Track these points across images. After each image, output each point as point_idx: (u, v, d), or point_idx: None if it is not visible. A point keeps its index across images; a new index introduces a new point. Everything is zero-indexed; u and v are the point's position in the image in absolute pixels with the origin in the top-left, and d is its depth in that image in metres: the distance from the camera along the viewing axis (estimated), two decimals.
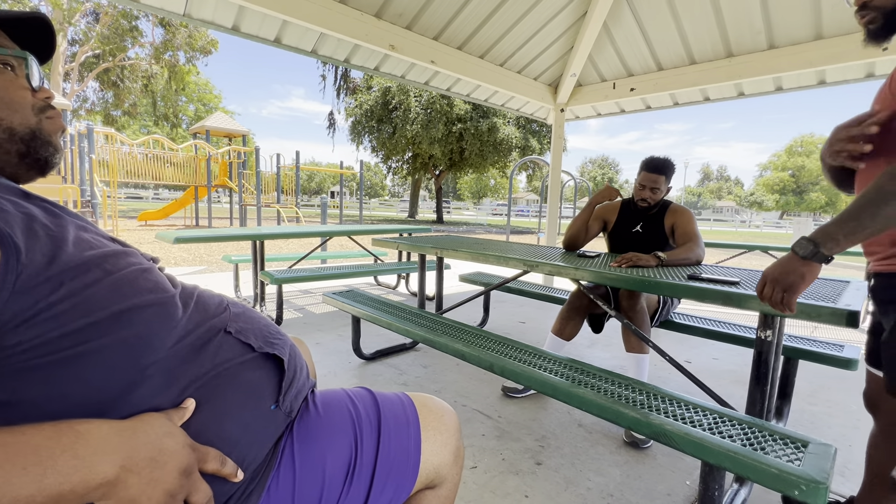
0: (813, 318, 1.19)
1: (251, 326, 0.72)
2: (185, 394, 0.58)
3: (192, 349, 0.61)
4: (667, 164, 2.17)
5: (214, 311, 0.69)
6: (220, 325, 0.67)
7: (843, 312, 1.14)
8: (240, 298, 4.15)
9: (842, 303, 1.21)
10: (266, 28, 3.07)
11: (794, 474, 0.95)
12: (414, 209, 26.54)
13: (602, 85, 4.56)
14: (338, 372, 2.49)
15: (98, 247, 0.56)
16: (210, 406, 0.60)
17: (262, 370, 0.69)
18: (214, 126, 14.97)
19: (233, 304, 0.74)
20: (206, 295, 0.71)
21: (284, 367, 0.72)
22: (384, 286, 5.11)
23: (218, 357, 0.63)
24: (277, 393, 0.70)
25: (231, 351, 0.66)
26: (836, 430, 2.01)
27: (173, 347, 0.59)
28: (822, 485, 0.92)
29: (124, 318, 0.53)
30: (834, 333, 3.76)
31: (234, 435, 0.62)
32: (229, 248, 8.38)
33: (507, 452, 1.73)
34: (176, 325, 0.60)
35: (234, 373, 0.64)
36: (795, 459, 1.00)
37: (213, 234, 3.07)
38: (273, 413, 0.68)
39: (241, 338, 0.68)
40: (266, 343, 0.71)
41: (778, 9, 3.20)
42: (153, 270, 0.62)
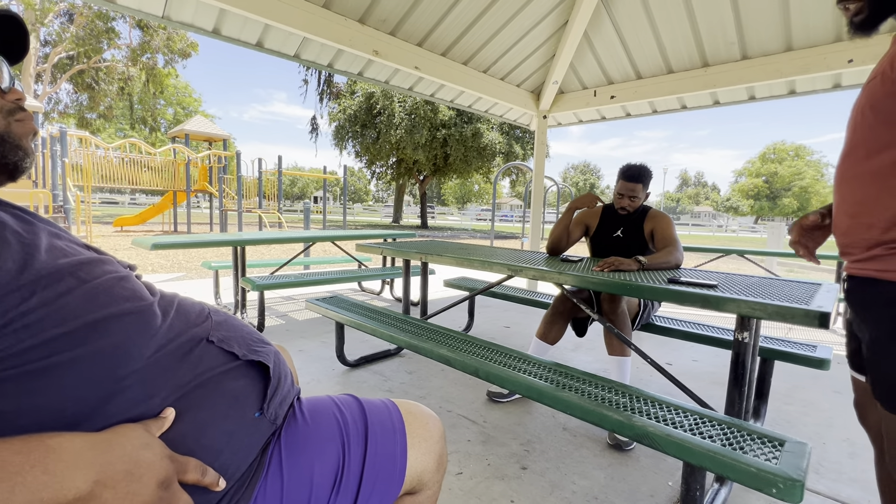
0: (787, 319, 1.22)
1: (234, 335, 0.70)
2: (165, 404, 0.57)
3: (172, 358, 0.60)
4: (643, 172, 2.22)
5: (196, 319, 0.67)
6: (202, 334, 0.66)
7: (815, 314, 1.18)
8: (220, 305, 4.07)
9: (814, 304, 1.26)
10: (248, 32, 3.04)
11: (771, 473, 0.97)
12: (398, 214, 26.48)
13: (583, 92, 4.64)
14: (322, 379, 2.46)
15: (72, 254, 0.54)
16: (191, 415, 0.58)
17: (246, 378, 0.68)
18: (194, 130, 14.70)
19: (214, 312, 0.73)
20: (186, 303, 0.70)
21: (270, 374, 0.70)
22: (368, 292, 5.08)
23: (200, 366, 0.62)
24: (262, 400, 0.69)
25: (214, 360, 0.65)
26: (810, 428, 2.07)
27: (152, 357, 0.57)
28: (799, 482, 0.94)
29: (100, 328, 0.52)
30: (807, 334, 3.88)
31: (217, 444, 0.60)
32: (209, 255, 8.22)
33: (492, 458, 1.73)
34: (155, 335, 0.59)
35: (216, 382, 0.63)
36: (773, 458, 1.03)
37: (192, 240, 3.01)
38: (257, 421, 0.67)
39: (225, 346, 0.67)
40: (250, 351, 0.70)
41: (750, 21, 3.32)
42: (130, 278, 0.61)
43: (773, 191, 49.31)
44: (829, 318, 1.18)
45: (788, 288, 1.55)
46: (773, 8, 3.15)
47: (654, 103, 4.54)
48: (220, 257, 8.02)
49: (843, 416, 2.21)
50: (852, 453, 1.85)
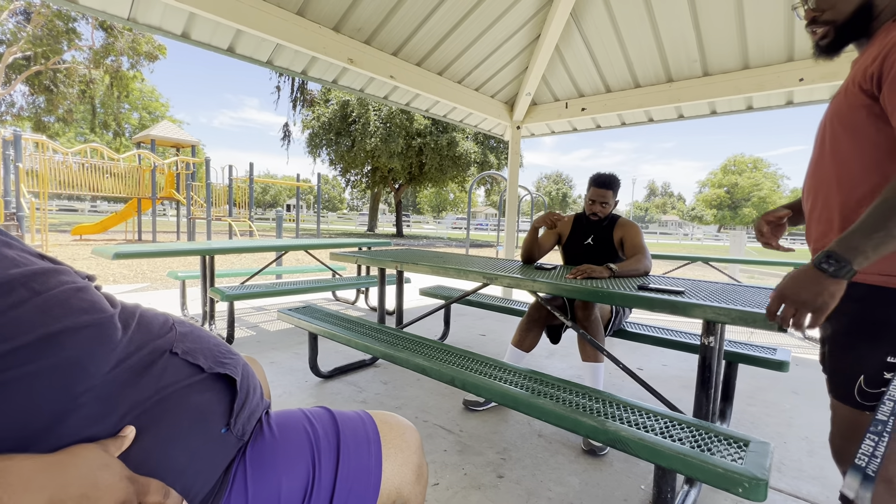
0: (749, 323, 1.28)
1: (200, 346, 0.68)
2: (124, 421, 0.54)
3: (133, 373, 0.57)
4: (613, 179, 2.30)
5: (158, 331, 0.65)
6: (165, 346, 0.63)
7: None
8: (187, 317, 3.92)
9: None
10: (219, 37, 2.98)
11: (737, 473, 1.00)
12: (373, 223, 26.30)
13: (555, 104, 4.76)
14: (294, 391, 2.39)
15: (24, 264, 0.51)
16: (153, 433, 0.56)
17: (211, 392, 0.65)
18: (161, 135, 14.24)
19: (179, 324, 0.70)
20: (149, 314, 0.67)
21: (237, 387, 0.68)
22: (343, 301, 5.00)
23: (163, 380, 0.60)
24: (229, 415, 0.66)
25: (177, 373, 0.62)
26: (772, 427, 2.16)
27: (112, 372, 0.54)
28: (763, 481, 0.98)
29: (55, 342, 0.49)
30: (767, 338, 4.05)
31: (180, 462, 0.58)
32: (176, 264, 7.92)
33: (469, 467, 1.72)
34: (115, 348, 0.56)
35: (180, 396, 0.61)
36: (738, 458, 1.07)
37: (157, 249, 2.89)
38: (223, 437, 0.64)
39: (189, 358, 0.64)
40: (216, 363, 0.68)
41: (710, 40, 3.50)
42: (88, 289, 0.58)
43: (735, 201, 51.80)
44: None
45: (750, 294, 1.62)
46: (730, 28, 3.33)
47: (622, 116, 4.70)
48: (187, 267, 7.74)
49: (802, 415, 2.31)
50: (811, 451, 1.93)
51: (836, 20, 0.92)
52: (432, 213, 62.70)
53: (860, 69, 0.85)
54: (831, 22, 0.93)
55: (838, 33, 0.94)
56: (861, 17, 0.91)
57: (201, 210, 12.44)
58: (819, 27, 0.95)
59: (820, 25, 0.95)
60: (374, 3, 3.12)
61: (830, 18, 0.93)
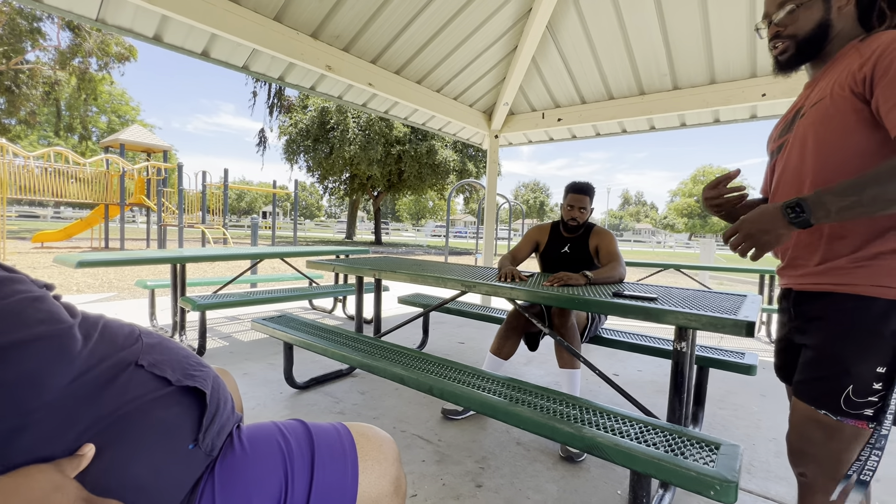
0: (719, 329, 1.32)
1: (168, 358, 0.65)
2: (83, 438, 0.51)
3: (94, 386, 0.54)
4: (589, 186, 2.37)
5: (123, 342, 0.62)
6: (130, 358, 0.60)
7: (743, 323, 1.28)
8: (155, 328, 3.78)
9: (741, 315, 1.36)
10: (192, 40, 2.92)
11: (708, 475, 1.02)
12: (351, 230, 26.04)
13: (532, 114, 4.85)
14: (268, 403, 2.33)
15: None
16: (115, 450, 0.53)
17: (179, 406, 0.63)
18: (130, 140, 13.79)
19: (146, 335, 0.67)
20: (113, 325, 0.64)
21: (206, 400, 0.66)
22: (320, 310, 4.92)
23: (127, 394, 0.57)
24: (197, 430, 0.63)
25: (143, 386, 0.59)
26: (742, 430, 2.22)
27: (70, 385, 0.52)
28: (733, 483, 1.00)
29: (7, 355, 0.46)
30: (736, 342, 4.18)
31: (144, 480, 0.55)
32: (145, 273, 7.65)
33: (447, 477, 1.70)
34: (73, 360, 0.53)
35: (145, 410, 0.58)
36: (710, 461, 1.09)
37: (125, 257, 2.79)
38: (191, 453, 0.62)
39: (156, 371, 0.62)
40: (185, 376, 0.65)
41: (679, 56, 3.64)
42: (45, 299, 0.55)
43: (704, 210, 53.53)
44: (754, 327, 1.29)
45: (719, 300, 1.67)
46: (697, 45, 3.48)
47: (597, 126, 4.82)
48: (156, 275, 7.48)
49: (770, 417, 2.39)
50: (778, 452, 1.99)
51: (798, 35, 0.99)
52: (411, 220, 62.61)
53: (847, 75, 0.89)
54: (793, 36, 1.00)
55: (798, 48, 1.00)
56: (819, 35, 0.98)
57: (173, 217, 12.07)
58: (781, 41, 1.02)
59: (782, 40, 1.01)
60: (353, 10, 3.12)
61: (792, 33, 0.99)
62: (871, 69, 0.84)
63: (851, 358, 0.89)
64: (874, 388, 0.87)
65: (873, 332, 0.88)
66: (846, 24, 0.96)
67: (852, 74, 0.88)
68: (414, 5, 3.28)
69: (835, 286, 0.93)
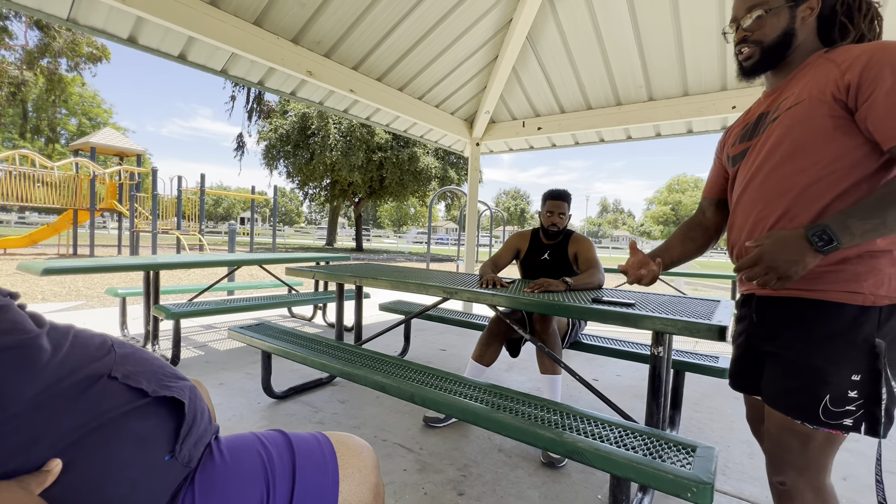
0: (694, 333, 1.35)
1: (142, 369, 0.63)
2: (49, 453, 0.49)
3: (64, 399, 0.52)
4: (567, 193, 2.43)
5: (95, 353, 0.60)
6: (102, 369, 0.58)
7: (716, 328, 1.32)
8: (126, 337, 3.65)
9: (715, 319, 1.40)
10: (169, 42, 2.86)
11: (685, 478, 1.05)
12: (332, 237, 25.78)
13: (513, 123, 4.91)
14: (245, 414, 2.27)
15: None
16: (86, 464, 0.51)
17: (155, 417, 0.61)
18: (102, 143, 13.39)
19: (119, 345, 0.65)
20: (84, 335, 0.62)
21: (184, 410, 0.64)
22: (299, 318, 4.83)
23: (99, 406, 0.55)
24: (174, 441, 0.62)
25: (116, 398, 0.57)
26: (717, 433, 2.27)
27: (38, 398, 0.49)
28: (709, 485, 1.03)
29: None
30: (710, 347, 4.29)
31: (118, 494, 0.53)
32: (115, 280, 7.40)
33: (428, 486, 1.69)
34: (40, 372, 0.51)
35: (119, 423, 0.56)
36: (686, 464, 1.11)
37: (94, 265, 2.69)
38: (167, 464, 0.60)
39: (130, 382, 0.60)
40: (161, 386, 0.63)
41: (654, 68, 3.76)
42: (9, 308, 0.53)
43: (679, 217, 55.30)
44: (727, 331, 1.33)
45: (694, 305, 1.72)
46: (671, 58, 3.60)
47: (576, 135, 4.91)
48: (128, 283, 7.24)
49: (743, 420, 2.44)
50: (751, 453, 2.05)
51: (763, 41, 1.01)
52: (393, 227, 62.40)
53: (824, 83, 0.90)
54: (759, 42, 1.02)
55: (763, 55, 1.02)
56: (784, 43, 1.00)
57: (146, 223, 11.73)
58: (747, 47, 1.04)
59: (748, 45, 1.03)
60: (335, 17, 3.12)
61: (758, 39, 1.02)
62: (857, 78, 0.85)
63: (826, 367, 0.88)
64: (850, 395, 0.87)
65: (846, 340, 0.88)
66: (807, 35, 0.99)
67: (834, 81, 0.88)
68: (396, 13, 3.30)
69: (803, 292, 0.93)
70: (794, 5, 0.98)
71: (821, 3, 0.97)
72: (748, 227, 1.03)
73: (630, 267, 1.20)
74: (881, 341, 0.86)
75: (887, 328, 0.87)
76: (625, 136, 4.78)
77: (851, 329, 0.87)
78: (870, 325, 0.87)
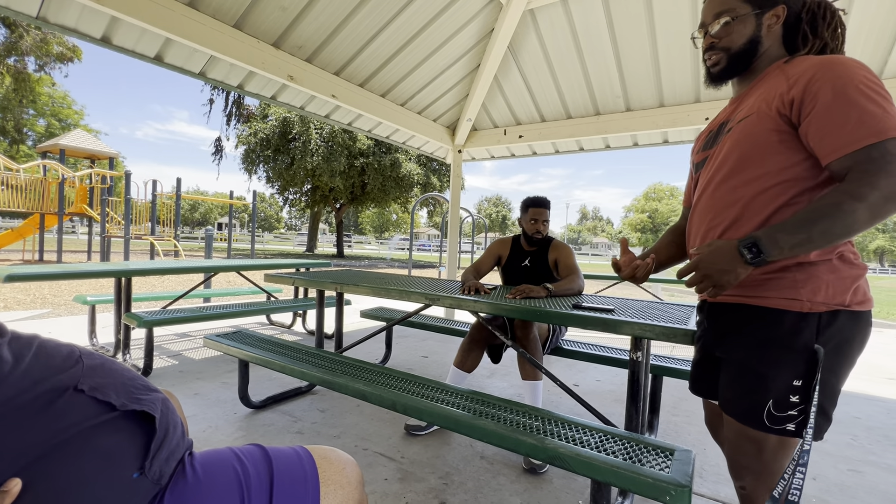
0: (671, 338, 1.38)
1: (111, 381, 0.61)
2: (9, 471, 0.46)
3: (25, 413, 0.49)
4: (548, 200, 2.46)
5: (61, 364, 0.57)
6: (68, 381, 0.56)
7: (692, 332, 1.35)
8: (95, 347, 3.51)
9: (691, 324, 1.43)
10: (145, 43, 2.80)
11: (664, 481, 1.06)
12: (313, 243, 25.45)
13: (494, 130, 4.96)
14: (221, 425, 2.21)
15: None
16: (49, 483, 0.49)
17: (124, 432, 0.58)
18: (72, 145, 12.93)
19: (87, 356, 0.62)
20: (49, 346, 0.59)
21: (156, 425, 0.61)
22: (278, 325, 4.74)
23: (64, 420, 0.52)
24: (144, 457, 0.59)
25: (82, 412, 0.55)
26: (693, 436, 2.32)
27: None
28: (687, 488, 1.04)
29: None
30: (687, 352, 4.39)
31: None
32: (84, 287, 7.13)
33: (410, 495, 1.67)
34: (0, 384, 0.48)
35: (84, 438, 0.53)
36: (665, 467, 1.13)
37: (61, 271, 2.58)
38: (136, 482, 0.57)
39: (98, 395, 0.57)
40: (131, 399, 0.61)
41: (631, 79, 3.86)
42: None
43: (655, 225, 56.72)
44: None
45: (671, 311, 1.75)
46: (648, 70, 3.71)
47: (556, 144, 5.00)
48: (98, 290, 6.98)
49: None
50: None
51: (730, 48, 1.03)
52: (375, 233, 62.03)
53: (772, 97, 0.93)
54: (726, 49, 1.04)
55: (729, 61, 1.05)
56: (750, 50, 1.02)
57: (119, 228, 11.35)
58: (715, 53, 1.06)
59: (716, 52, 1.06)
60: (317, 21, 3.11)
61: (726, 45, 1.04)
62: (801, 94, 0.87)
63: (768, 372, 0.91)
64: (792, 401, 0.89)
65: (786, 346, 0.90)
66: (773, 43, 1.02)
67: (780, 96, 0.91)
68: (379, 20, 3.30)
69: (746, 298, 0.96)
70: (760, 13, 1.00)
71: (786, 11, 0.99)
72: (701, 234, 1.06)
73: (623, 264, 1.21)
74: (820, 347, 0.87)
75: (828, 335, 0.88)
76: (603, 145, 4.88)
77: (791, 335, 0.89)
78: (809, 331, 0.88)
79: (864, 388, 3.31)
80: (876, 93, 0.83)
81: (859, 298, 0.90)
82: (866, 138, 0.80)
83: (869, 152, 0.80)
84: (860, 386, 3.37)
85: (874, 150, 0.80)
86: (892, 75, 3.05)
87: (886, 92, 0.84)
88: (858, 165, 0.81)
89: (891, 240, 52.63)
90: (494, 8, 3.70)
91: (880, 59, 3.01)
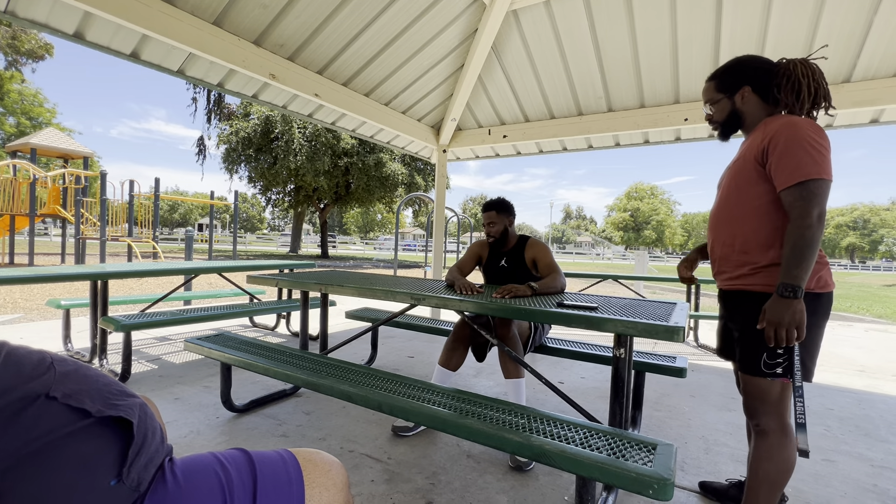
0: (653, 335, 1.40)
1: (87, 387, 0.59)
2: None
3: None
4: (497, 203, 2.46)
5: (32, 372, 0.55)
6: (39, 389, 0.54)
7: (674, 329, 1.38)
8: (70, 352, 3.40)
9: (672, 321, 1.46)
10: (120, 40, 2.72)
11: (647, 475, 1.08)
12: (296, 243, 25.13)
13: (479, 130, 4.98)
14: (203, 430, 2.16)
15: None
16: (23, 492, 0.47)
17: (100, 439, 0.57)
18: (43, 144, 12.51)
19: (59, 362, 0.60)
20: (19, 352, 0.57)
21: (133, 430, 0.60)
22: (261, 327, 4.67)
23: (35, 430, 0.51)
24: (121, 464, 0.58)
25: (55, 420, 0.53)
26: (675, 430, 2.37)
27: None
28: (669, 481, 1.06)
29: None
30: (667, 348, 4.48)
31: None
32: (58, 291, 6.91)
33: (397, 496, 1.66)
34: None
35: (59, 446, 0.52)
36: (648, 462, 1.15)
37: (33, 274, 2.50)
38: (113, 489, 0.56)
39: (72, 402, 0.55)
40: (107, 405, 0.59)
41: (613, 80, 3.92)
42: None
43: (637, 224, 57.65)
44: (683, 333, 1.39)
45: (653, 308, 1.79)
46: (628, 71, 3.77)
47: (539, 144, 5.04)
48: (73, 294, 6.77)
49: (698, 416, 2.57)
50: (706, 449, 2.15)
51: (720, 121, 1.50)
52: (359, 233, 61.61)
53: (755, 145, 1.32)
54: (717, 122, 1.51)
55: (722, 128, 1.51)
56: (734, 119, 1.47)
57: (94, 229, 11.03)
58: (712, 124, 1.54)
59: (712, 123, 1.53)
60: (299, 20, 3.07)
61: (718, 120, 1.50)
62: (768, 144, 1.28)
63: (759, 334, 1.28)
64: (778, 352, 1.28)
65: None
66: (753, 106, 1.42)
67: (758, 146, 1.31)
68: (362, 19, 3.28)
69: (744, 286, 1.37)
70: (731, 95, 1.45)
71: (752, 87, 1.40)
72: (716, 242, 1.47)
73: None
74: None
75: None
76: (586, 145, 4.94)
77: None
78: None
79: (836, 381, 3.43)
80: (814, 147, 1.20)
81: (821, 284, 1.30)
82: (801, 177, 1.20)
83: (805, 186, 1.20)
84: (832, 378, 3.49)
85: (805, 188, 1.20)
86: (859, 78, 3.17)
87: (825, 146, 1.22)
88: (796, 200, 1.21)
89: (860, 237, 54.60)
90: (478, 8, 3.71)
91: (849, 64, 3.12)
